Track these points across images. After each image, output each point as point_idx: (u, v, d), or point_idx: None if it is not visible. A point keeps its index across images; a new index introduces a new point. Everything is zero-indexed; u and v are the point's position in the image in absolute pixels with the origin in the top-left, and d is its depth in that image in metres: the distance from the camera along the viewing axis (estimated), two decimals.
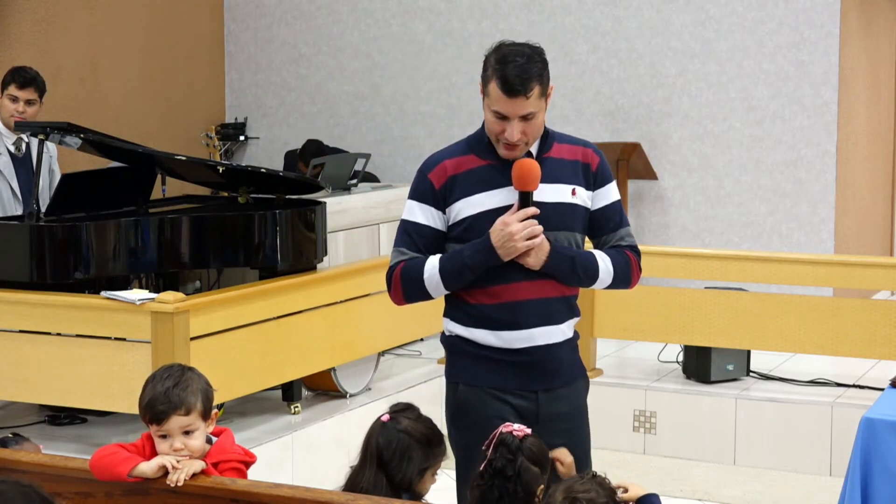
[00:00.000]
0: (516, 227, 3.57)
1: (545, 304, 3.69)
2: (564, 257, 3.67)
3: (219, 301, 5.76)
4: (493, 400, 3.73)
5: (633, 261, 3.82)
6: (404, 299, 3.82)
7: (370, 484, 3.56)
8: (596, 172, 3.78)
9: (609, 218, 3.80)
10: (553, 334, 3.73)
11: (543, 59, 3.62)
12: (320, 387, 6.84)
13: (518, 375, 3.72)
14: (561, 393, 3.78)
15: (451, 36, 9.73)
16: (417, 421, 3.71)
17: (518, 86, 3.54)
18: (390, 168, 9.93)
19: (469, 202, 3.68)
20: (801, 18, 8.66)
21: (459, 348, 3.82)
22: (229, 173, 7.03)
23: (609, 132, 9.19)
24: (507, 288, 3.67)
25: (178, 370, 3.45)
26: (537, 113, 3.60)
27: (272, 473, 5.75)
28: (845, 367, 7.26)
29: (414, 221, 3.77)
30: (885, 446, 4.33)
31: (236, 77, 10.54)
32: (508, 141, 3.62)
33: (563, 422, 3.77)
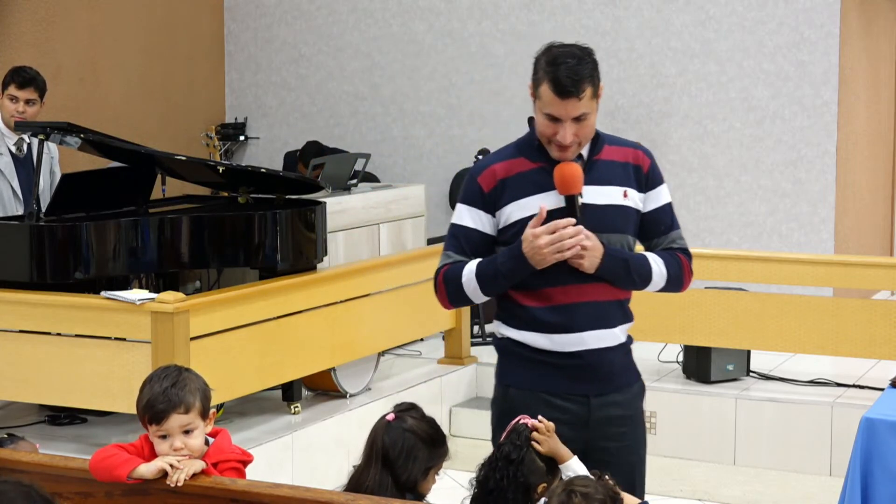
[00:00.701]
0: (544, 240, 3.51)
1: (597, 307, 3.65)
2: (618, 260, 3.62)
3: (219, 301, 5.76)
4: (541, 404, 3.67)
5: (686, 263, 3.80)
6: (449, 303, 3.80)
7: (375, 483, 3.56)
8: (647, 174, 3.75)
9: (661, 220, 3.76)
10: (605, 338, 3.68)
11: (594, 60, 3.59)
12: (320, 387, 6.84)
13: (569, 379, 3.67)
14: (614, 398, 3.73)
15: (451, 36, 9.73)
16: (422, 420, 3.72)
17: (570, 87, 3.51)
18: (390, 168, 9.93)
19: (520, 205, 3.64)
20: (801, 18, 8.66)
21: (511, 351, 3.76)
22: (229, 173, 7.03)
23: (609, 132, 9.15)
24: (558, 290, 3.62)
25: (175, 371, 3.46)
26: (589, 114, 3.57)
27: (272, 473, 5.74)
28: (845, 367, 7.25)
29: (462, 225, 3.73)
30: (886, 446, 4.33)
31: (236, 77, 10.54)
32: (561, 143, 3.57)
33: (616, 426, 3.74)
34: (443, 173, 9.77)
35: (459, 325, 7.62)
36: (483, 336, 8.12)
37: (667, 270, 3.72)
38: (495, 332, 3.84)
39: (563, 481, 3.40)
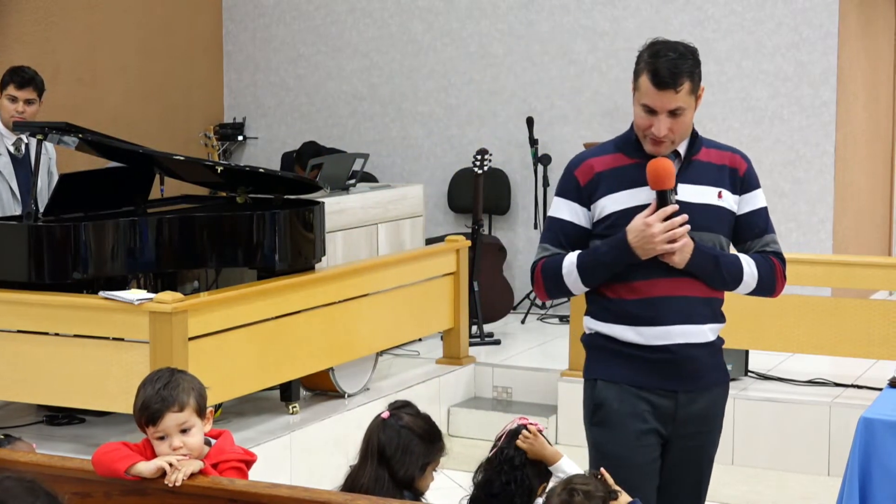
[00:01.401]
0: (658, 227, 3.55)
1: (686, 302, 3.66)
2: (708, 257, 3.65)
3: (217, 301, 5.76)
4: (631, 397, 3.70)
5: (779, 268, 3.80)
6: (546, 295, 3.82)
7: (372, 481, 3.57)
8: (744, 177, 3.77)
9: (754, 223, 3.78)
10: (693, 334, 3.69)
11: (696, 59, 3.63)
12: (318, 387, 6.84)
13: (657, 374, 3.69)
14: (703, 396, 3.75)
15: (450, 36, 9.73)
16: (417, 417, 3.73)
17: (668, 78, 3.55)
18: (388, 168, 9.93)
19: (614, 199, 3.68)
20: (800, 19, 8.66)
21: (599, 345, 3.77)
22: (228, 173, 7.03)
23: (608, 132, 9.18)
24: (648, 284, 3.65)
25: (168, 372, 3.48)
26: (686, 110, 3.60)
27: (270, 473, 5.73)
28: (844, 367, 7.26)
29: (559, 218, 3.76)
30: (884, 446, 4.33)
31: (235, 77, 10.53)
32: (655, 136, 3.61)
33: (696, 425, 3.76)
34: (441, 173, 9.77)
35: (458, 325, 7.62)
36: (481, 336, 8.12)
37: (758, 272, 3.74)
38: (584, 329, 3.85)
39: (563, 480, 3.41)
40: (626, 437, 3.69)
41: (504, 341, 8.23)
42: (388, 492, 3.55)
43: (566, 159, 9.96)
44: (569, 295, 3.78)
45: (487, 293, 8.37)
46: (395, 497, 3.55)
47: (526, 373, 7.57)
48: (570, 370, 7.25)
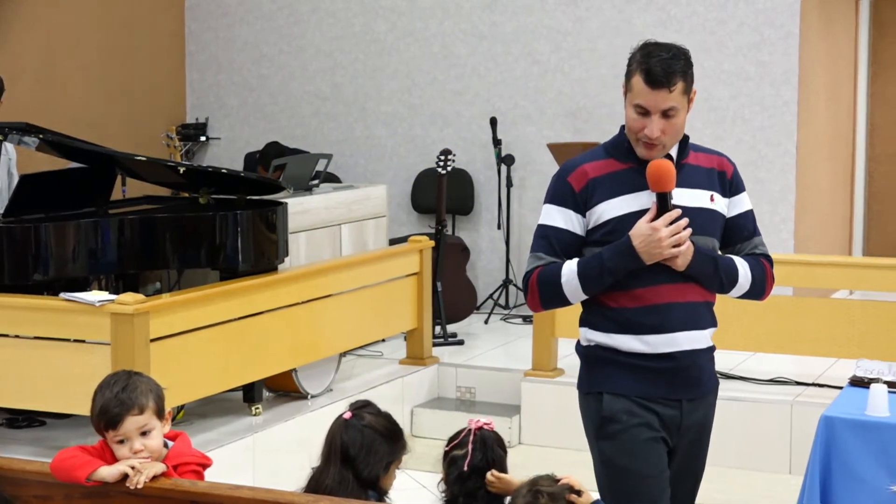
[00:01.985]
0: (665, 231, 3.50)
1: (690, 307, 3.63)
2: (707, 259, 3.62)
3: (179, 302, 5.74)
4: (639, 408, 3.63)
5: (769, 270, 3.78)
6: (542, 305, 3.72)
7: (336, 482, 3.56)
8: (731, 180, 3.76)
9: (743, 226, 3.76)
10: (697, 340, 3.66)
11: (689, 59, 3.60)
12: (281, 388, 6.82)
13: (663, 383, 3.63)
14: (701, 403, 3.72)
15: (414, 36, 9.72)
16: (379, 416, 3.73)
17: (661, 77, 3.51)
18: (352, 168, 9.92)
19: (612, 204, 3.60)
20: (762, 19, 8.71)
21: (600, 357, 3.70)
22: (190, 174, 7.00)
23: (571, 132, 9.21)
24: (651, 290, 3.59)
25: (125, 375, 3.46)
26: (679, 111, 3.56)
27: (233, 475, 5.71)
28: (805, 366, 7.30)
29: (552, 226, 3.68)
30: (844, 444, 4.36)
31: (197, 77, 10.49)
32: (648, 138, 3.55)
33: (696, 433, 3.73)
34: (405, 173, 9.77)
35: (421, 325, 7.62)
36: (445, 336, 8.12)
37: (752, 274, 3.72)
38: (580, 339, 3.77)
39: (528, 481, 3.41)
40: (638, 449, 3.62)
41: (467, 341, 8.23)
42: (352, 492, 3.55)
43: (530, 159, 10.04)
44: (566, 304, 3.68)
45: (451, 293, 8.37)
46: (360, 497, 3.55)
47: (489, 373, 7.57)
48: (534, 370, 7.26)
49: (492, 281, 9.42)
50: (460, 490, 3.59)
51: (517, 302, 9.24)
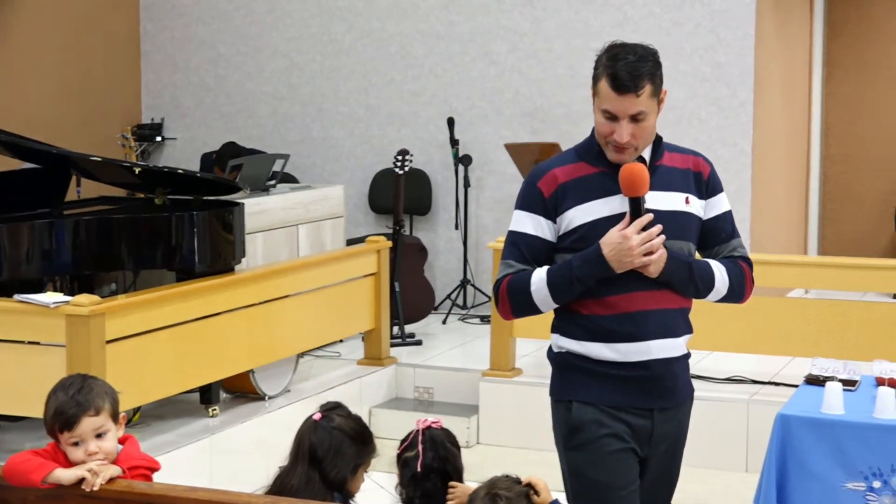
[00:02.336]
0: (636, 240, 3.40)
1: (664, 315, 3.54)
2: (682, 265, 3.51)
3: (135, 303, 5.70)
4: (608, 418, 3.53)
5: (748, 272, 3.68)
6: (512, 314, 3.62)
7: (302, 483, 3.55)
8: (708, 181, 3.64)
9: (722, 228, 3.66)
10: (671, 348, 3.56)
11: (657, 60, 3.53)
12: (239, 389, 6.79)
13: (634, 392, 3.53)
14: (673, 413, 3.63)
15: (371, 36, 9.71)
16: (349, 418, 3.72)
17: (628, 82, 3.43)
18: (309, 169, 9.89)
19: (583, 210, 3.51)
20: (718, 20, 8.75)
21: (571, 364, 3.59)
22: (146, 174, 6.96)
23: (528, 132, 9.23)
24: (624, 298, 3.49)
25: (79, 378, 3.44)
26: (648, 114, 3.48)
27: (190, 477, 5.69)
28: (761, 365, 7.34)
29: (523, 232, 3.57)
30: (800, 442, 4.39)
31: (153, 77, 10.43)
32: (618, 143, 3.46)
33: (669, 442, 3.64)
34: (362, 174, 9.75)
35: (379, 325, 7.61)
36: (403, 337, 8.12)
37: (729, 278, 3.62)
38: (552, 346, 3.67)
39: (486, 483, 3.41)
40: (606, 461, 3.53)
41: (425, 342, 8.23)
42: (318, 493, 3.54)
43: (487, 159, 10.05)
44: (536, 312, 3.57)
45: (409, 294, 8.37)
46: (326, 499, 3.54)
47: (447, 373, 7.57)
48: (492, 370, 7.27)
49: (449, 281, 9.42)
50: (415, 491, 3.58)
51: (475, 302, 9.25)
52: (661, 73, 3.53)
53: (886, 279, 6.96)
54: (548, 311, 3.59)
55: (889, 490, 4.37)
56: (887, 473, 4.38)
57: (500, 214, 9.32)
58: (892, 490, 4.37)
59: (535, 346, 7.86)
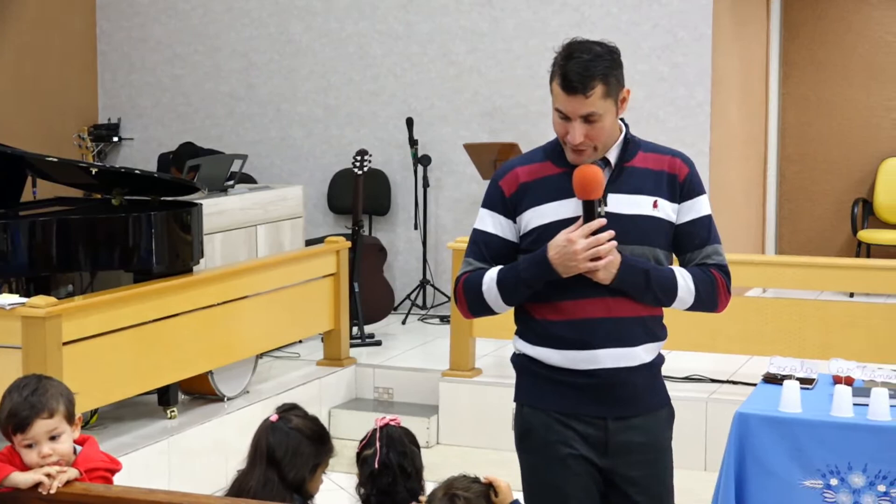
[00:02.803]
0: (581, 244, 3.30)
1: (616, 323, 3.41)
2: (638, 272, 3.38)
3: (92, 305, 5.66)
4: (557, 424, 3.46)
5: (720, 281, 3.51)
6: (470, 313, 3.56)
7: (260, 484, 3.54)
8: (683, 184, 3.51)
9: (695, 233, 3.50)
10: (624, 357, 3.44)
11: (614, 59, 3.40)
12: (197, 390, 6.76)
13: (585, 400, 3.44)
14: (636, 422, 3.48)
15: (329, 36, 9.69)
16: (306, 419, 3.71)
17: (576, 83, 3.32)
18: (267, 169, 9.86)
19: (538, 211, 3.43)
20: (675, 21, 8.79)
21: (526, 368, 3.52)
22: (102, 175, 6.92)
23: (487, 132, 9.24)
24: (574, 304, 3.40)
25: (35, 379, 3.42)
26: (603, 115, 3.35)
27: (148, 479, 5.66)
28: (719, 363, 7.38)
29: (482, 231, 3.52)
30: (758, 440, 4.41)
31: (109, 77, 10.36)
32: (571, 144, 3.37)
33: (638, 453, 3.48)
34: (321, 174, 9.73)
35: (338, 326, 7.60)
36: (362, 337, 8.10)
37: (696, 287, 3.48)
38: (514, 348, 3.60)
39: (443, 484, 3.40)
40: (554, 465, 3.46)
41: (385, 342, 8.22)
42: (277, 494, 3.53)
43: (446, 160, 10.05)
44: (492, 313, 3.51)
45: (368, 294, 8.35)
46: (285, 500, 3.53)
47: (407, 373, 7.57)
48: (451, 370, 7.27)
49: (409, 281, 9.41)
50: (373, 488, 3.58)
51: (435, 302, 9.25)
52: (618, 73, 3.40)
53: (843, 278, 7.01)
54: (502, 311, 3.53)
55: (846, 487, 4.41)
56: (844, 471, 4.41)
57: (459, 214, 9.33)
58: (848, 487, 4.40)
59: (494, 345, 7.87)
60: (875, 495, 4.37)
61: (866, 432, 4.37)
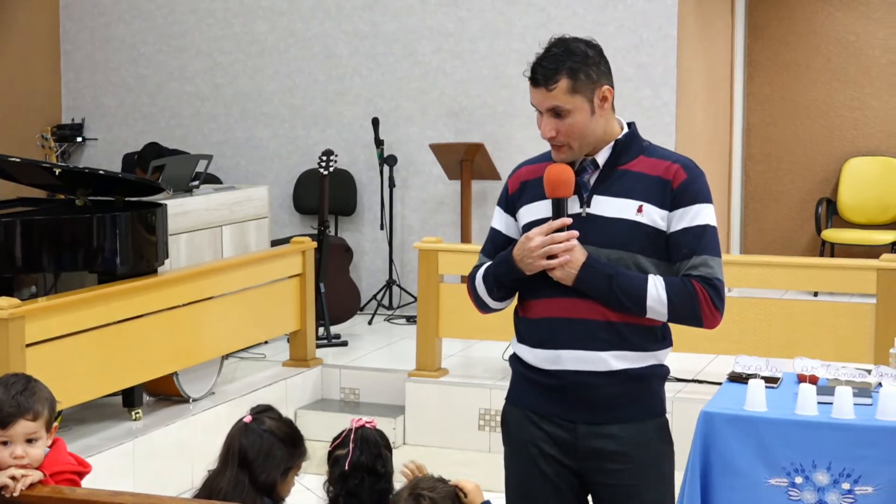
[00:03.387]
0: (537, 241, 3.32)
1: (578, 325, 3.37)
2: (600, 275, 3.31)
3: (56, 306, 5.63)
4: (528, 423, 3.48)
5: (700, 293, 3.37)
6: (477, 307, 3.61)
7: (230, 486, 3.53)
8: (676, 191, 3.41)
9: (682, 242, 3.38)
10: (587, 361, 3.37)
11: (587, 56, 3.34)
12: (162, 392, 6.73)
13: (554, 401, 3.42)
14: (610, 430, 3.41)
15: (294, 36, 9.66)
16: (280, 421, 3.70)
17: (539, 76, 3.33)
18: (233, 169, 9.83)
19: (528, 209, 3.46)
20: (640, 21, 8.82)
21: (513, 365, 3.57)
22: (66, 175, 6.87)
23: (453, 133, 9.24)
24: (542, 303, 3.41)
25: (24, 378, 3.39)
26: (572, 112, 3.33)
27: (113, 481, 5.63)
28: (685, 362, 7.39)
29: (492, 227, 3.58)
30: (723, 439, 4.42)
31: (73, 77, 10.31)
32: (543, 137, 3.40)
33: (610, 462, 3.42)
34: (286, 174, 9.71)
35: (304, 326, 7.58)
36: (328, 338, 8.09)
37: (669, 297, 3.35)
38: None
39: (409, 484, 3.40)
40: (523, 464, 3.50)
41: (351, 342, 8.21)
42: (247, 496, 3.51)
43: (412, 160, 10.05)
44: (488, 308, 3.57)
45: (334, 294, 8.34)
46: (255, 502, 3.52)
47: (373, 374, 7.56)
48: (418, 370, 7.27)
49: (375, 281, 9.40)
50: (342, 488, 3.57)
51: (401, 302, 9.24)
52: (591, 70, 3.34)
53: (807, 277, 7.05)
54: (498, 306, 3.57)
55: (810, 485, 4.43)
56: (809, 469, 4.43)
57: (425, 214, 9.33)
58: (813, 485, 4.42)
59: (461, 346, 7.87)
60: (839, 493, 4.39)
61: (830, 430, 4.39)
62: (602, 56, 3.40)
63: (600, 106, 3.38)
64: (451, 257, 7.25)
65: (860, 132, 10.23)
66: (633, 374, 3.45)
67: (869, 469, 4.34)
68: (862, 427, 4.37)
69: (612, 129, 3.45)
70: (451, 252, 7.30)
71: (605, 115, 3.41)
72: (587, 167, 3.44)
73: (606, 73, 3.40)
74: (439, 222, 9.28)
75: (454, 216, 9.16)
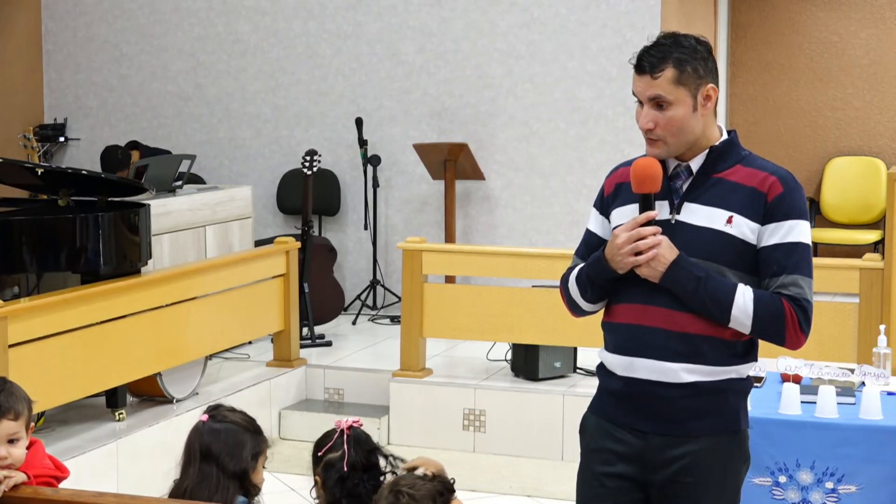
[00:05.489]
0: (622, 237, 3.23)
1: (654, 334, 3.28)
2: (689, 275, 3.21)
3: (38, 307, 5.61)
4: (602, 434, 3.42)
5: (789, 312, 3.25)
6: (569, 310, 3.52)
7: (195, 481, 3.51)
8: (770, 204, 3.25)
9: (773, 259, 3.25)
10: (659, 371, 3.28)
11: (695, 51, 3.26)
12: (146, 392, 6.71)
13: (627, 409, 3.35)
14: (680, 442, 3.31)
15: (277, 36, 9.65)
16: (235, 412, 3.71)
17: (645, 62, 3.25)
18: (216, 169, 9.81)
19: (620, 212, 3.38)
20: (623, 21, 8.83)
21: (597, 373, 3.50)
22: (48, 175, 6.86)
23: (436, 133, 9.24)
24: (622, 308, 3.34)
25: (1, 380, 3.37)
26: (673, 104, 3.23)
27: (96, 482, 5.62)
28: None
29: (588, 229, 3.50)
30: None
31: (55, 77, 10.27)
32: (641, 127, 3.29)
33: (684, 474, 3.31)
34: (270, 174, 9.69)
35: (288, 327, 7.57)
36: (312, 338, 8.08)
37: (756, 310, 3.22)
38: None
39: (390, 481, 3.39)
40: (588, 476, 3.47)
41: (335, 343, 8.20)
42: (214, 486, 3.49)
43: (395, 159, 10.05)
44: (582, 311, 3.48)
45: (318, 294, 8.33)
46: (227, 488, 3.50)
47: (357, 374, 7.55)
48: (402, 370, 7.26)
49: (359, 281, 9.40)
50: (342, 491, 3.55)
51: (385, 302, 9.24)
52: (698, 65, 3.25)
53: None
54: (590, 310, 3.48)
55: (794, 484, 4.44)
56: (792, 468, 4.44)
57: (409, 214, 9.32)
58: (797, 484, 4.44)
59: (445, 346, 7.88)
60: (823, 492, 4.40)
61: (814, 430, 4.40)
62: (710, 54, 3.32)
63: (703, 104, 3.28)
64: (434, 257, 7.25)
65: (843, 132, 10.26)
66: (706, 387, 3.30)
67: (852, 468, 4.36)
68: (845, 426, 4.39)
69: (710, 134, 3.34)
70: (435, 252, 7.30)
71: (707, 115, 3.31)
72: (681, 173, 3.34)
73: (713, 72, 3.31)
74: (423, 222, 9.28)
75: (438, 216, 9.16)
